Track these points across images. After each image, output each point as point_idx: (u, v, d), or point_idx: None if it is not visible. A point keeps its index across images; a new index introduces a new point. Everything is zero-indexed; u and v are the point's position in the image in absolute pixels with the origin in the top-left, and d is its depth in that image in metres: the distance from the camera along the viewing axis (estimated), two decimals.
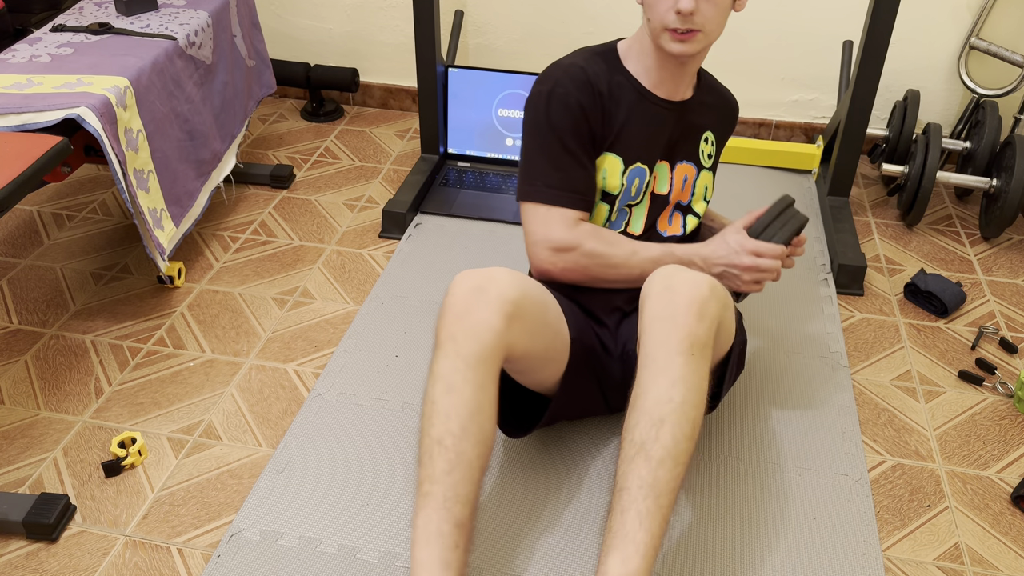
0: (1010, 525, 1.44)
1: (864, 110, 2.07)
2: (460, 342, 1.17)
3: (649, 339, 1.19)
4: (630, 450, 1.14)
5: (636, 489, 1.12)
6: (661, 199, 1.49)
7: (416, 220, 2.20)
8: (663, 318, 1.18)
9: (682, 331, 1.17)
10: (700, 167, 1.50)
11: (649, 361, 1.17)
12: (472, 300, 1.19)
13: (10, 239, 2.12)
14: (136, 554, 1.37)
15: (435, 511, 1.12)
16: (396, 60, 2.71)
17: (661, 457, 1.12)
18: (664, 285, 1.21)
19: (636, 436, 1.14)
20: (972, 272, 2.07)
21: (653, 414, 1.14)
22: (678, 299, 1.18)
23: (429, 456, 1.15)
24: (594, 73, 1.39)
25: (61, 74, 1.69)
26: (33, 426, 1.60)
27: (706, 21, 1.31)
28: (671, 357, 1.16)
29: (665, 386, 1.15)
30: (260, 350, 1.78)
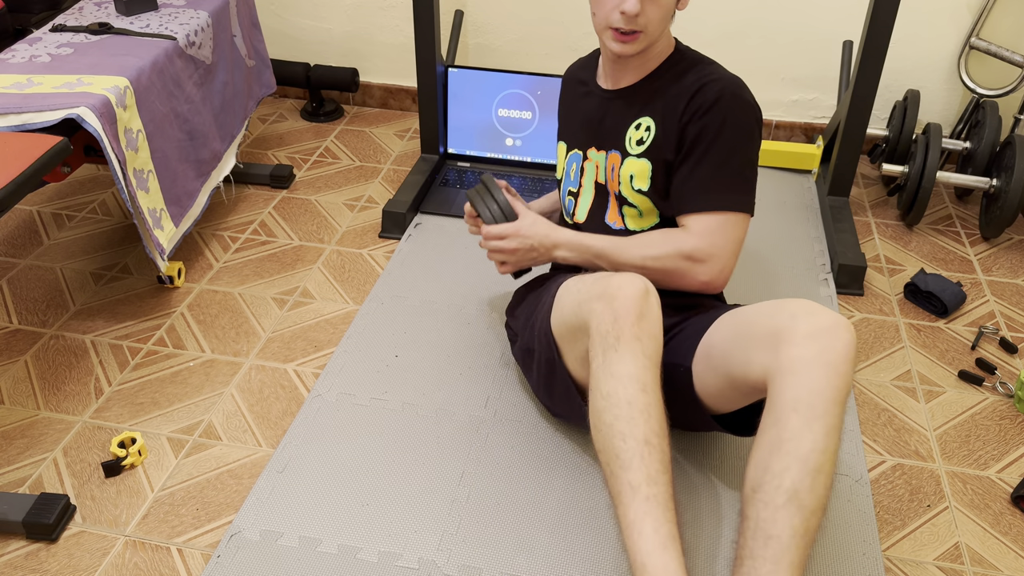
0: (1010, 525, 1.44)
1: (864, 110, 2.07)
2: (645, 342, 1.21)
3: (803, 382, 1.12)
4: (778, 497, 1.09)
5: (789, 539, 1.08)
6: (602, 188, 1.52)
7: (416, 220, 2.19)
8: (822, 364, 1.12)
9: (843, 380, 1.13)
10: (625, 154, 1.46)
11: (804, 406, 1.11)
12: (646, 303, 1.23)
13: (10, 239, 2.12)
14: (136, 554, 1.37)
15: (663, 513, 1.12)
16: (396, 60, 2.71)
17: (814, 507, 1.10)
18: (817, 326, 1.15)
19: (786, 483, 1.10)
20: (972, 272, 2.07)
21: (809, 463, 1.10)
22: (838, 345, 1.13)
23: (640, 457, 1.15)
24: (573, 72, 1.60)
25: (61, 74, 1.69)
26: (33, 426, 1.60)
27: (649, 22, 1.34)
28: (830, 406, 1.11)
29: (823, 435, 1.11)
30: (260, 350, 1.78)
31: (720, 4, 2.41)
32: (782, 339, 1.15)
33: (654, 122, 1.42)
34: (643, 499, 1.13)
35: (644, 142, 1.44)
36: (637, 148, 1.45)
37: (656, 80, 1.44)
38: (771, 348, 1.16)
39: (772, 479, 1.10)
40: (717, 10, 2.42)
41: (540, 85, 2.26)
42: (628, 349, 1.20)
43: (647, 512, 1.12)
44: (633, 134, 1.45)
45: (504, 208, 1.53)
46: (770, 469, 1.11)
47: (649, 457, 1.14)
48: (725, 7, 2.41)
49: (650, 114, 1.43)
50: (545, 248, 1.50)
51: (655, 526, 1.11)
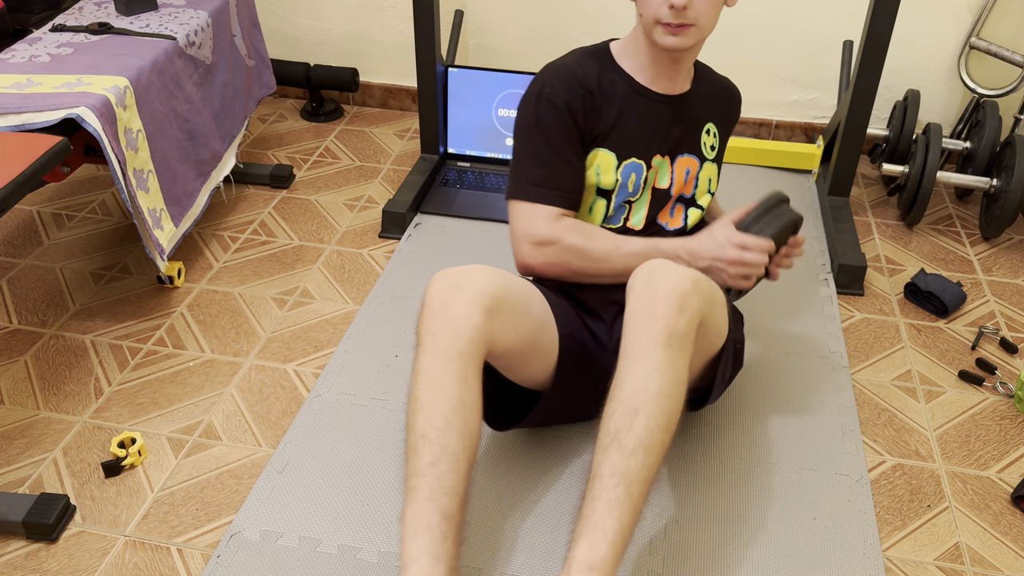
0: (1010, 525, 1.44)
1: (864, 110, 2.07)
2: (439, 337, 1.19)
3: (628, 331, 1.20)
4: (604, 439, 1.15)
5: (608, 477, 1.12)
6: (662, 193, 1.48)
7: (416, 220, 2.19)
8: (642, 311, 1.19)
9: (660, 322, 1.18)
10: (703, 159, 1.50)
11: (627, 352, 1.19)
12: (449, 296, 1.21)
13: (10, 239, 2.12)
14: (136, 554, 1.37)
15: (422, 504, 1.13)
16: (396, 60, 2.71)
17: (634, 447, 1.13)
18: (646, 279, 1.22)
19: (611, 425, 1.15)
20: (972, 272, 2.07)
21: (628, 404, 1.15)
22: (658, 292, 1.20)
23: (414, 450, 1.16)
24: (583, 73, 1.41)
25: (61, 74, 1.69)
26: (33, 426, 1.60)
27: (699, 15, 1.32)
28: (647, 348, 1.17)
29: (641, 376, 1.16)
30: (260, 350, 1.78)
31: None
32: (627, 297, 1.24)
33: (716, 127, 1.51)
34: (408, 489, 1.15)
35: (715, 147, 1.52)
36: (711, 153, 1.51)
37: (701, 84, 1.49)
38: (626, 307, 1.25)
39: (602, 424, 1.18)
40: None
41: None
42: (422, 344, 1.21)
43: (408, 501, 1.15)
44: (706, 139, 1.50)
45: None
46: (603, 415, 1.18)
47: (423, 451, 1.15)
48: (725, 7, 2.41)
49: (712, 119, 1.50)
50: None
51: (412, 515, 1.13)
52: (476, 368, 1.20)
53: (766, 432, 1.58)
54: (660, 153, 1.46)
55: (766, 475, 1.50)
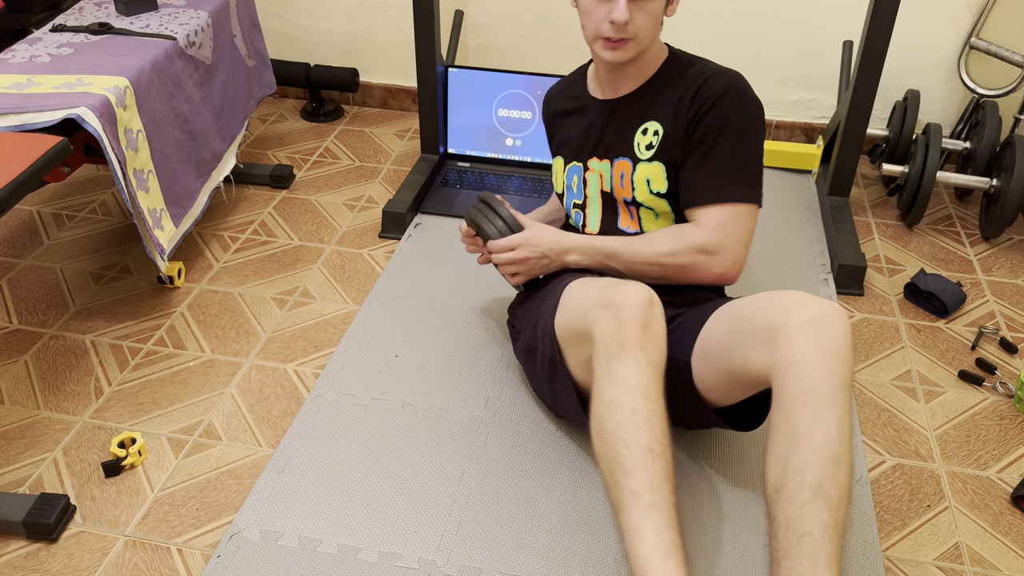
0: (1010, 525, 1.44)
1: (864, 110, 2.07)
2: (650, 351, 1.21)
3: (806, 374, 1.13)
4: (803, 493, 1.09)
5: (821, 533, 1.08)
6: (608, 197, 1.52)
7: (416, 220, 2.19)
8: (822, 352, 1.13)
9: (845, 366, 1.13)
10: (636, 160, 1.47)
11: (812, 398, 1.12)
12: (651, 312, 1.23)
13: (10, 239, 2.12)
14: (136, 554, 1.37)
15: (667, 521, 1.12)
16: (396, 60, 2.71)
17: (840, 498, 1.09)
18: (811, 316, 1.16)
19: (809, 478, 1.09)
20: (972, 272, 2.07)
21: (827, 454, 1.10)
22: (835, 333, 1.14)
23: (643, 465, 1.14)
24: (558, 91, 1.62)
25: (61, 74, 1.69)
26: (33, 426, 1.60)
27: (639, 29, 1.35)
28: (837, 393, 1.12)
29: (835, 424, 1.11)
30: (260, 350, 1.78)
31: (720, 4, 2.41)
32: (778, 333, 1.16)
33: (661, 125, 1.44)
34: (646, 506, 1.12)
35: (653, 146, 1.45)
36: (647, 152, 1.46)
37: (655, 85, 1.46)
38: (768, 343, 1.17)
39: (794, 476, 1.10)
40: (717, 10, 2.42)
41: (540, 85, 2.26)
42: (632, 357, 1.20)
43: (649, 519, 1.11)
44: (641, 139, 1.47)
45: (509, 221, 1.53)
46: (790, 466, 1.11)
47: (652, 464, 1.14)
48: (725, 7, 2.41)
49: (655, 118, 1.45)
50: (556, 254, 1.50)
51: (657, 533, 1.11)
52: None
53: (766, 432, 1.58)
54: (597, 156, 1.51)
55: None
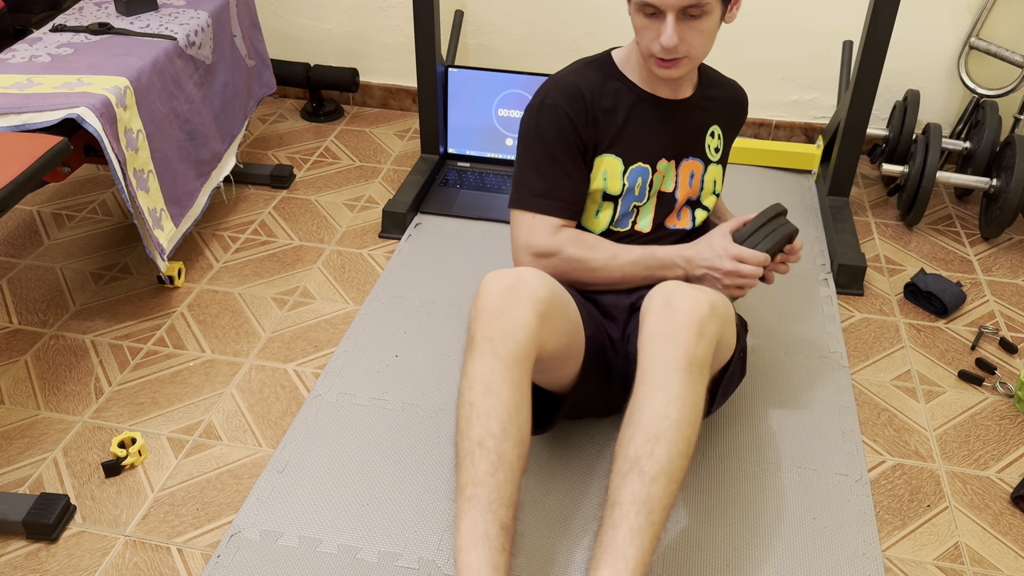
0: (1010, 525, 1.44)
1: (864, 110, 2.07)
2: (497, 342, 1.19)
3: (648, 356, 1.19)
4: (624, 465, 1.14)
5: (628, 504, 1.12)
6: (668, 197, 1.50)
7: (416, 220, 2.20)
8: (662, 335, 1.19)
9: (680, 348, 1.17)
10: (707, 162, 1.51)
11: (646, 377, 1.18)
12: (506, 300, 1.20)
13: (10, 239, 2.12)
14: (136, 554, 1.37)
15: (480, 514, 1.12)
16: (396, 60, 2.71)
17: (655, 473, 1.12)
18: (664, 302, 1.22)
19: (631, 451, 1.14)
20: (972, 272, 2.07)
21: (649, 430, 1.14)
22: (678, 317, 1.19)
23: (471, 459, 1.15)
24: (586, 84, 1.42)
25: (61, 74, 1.69)
26: (33, 426, 1.60)
27: (691, 48, 1.34)
28: (669, 374, 1.16)
29: (662, 402, 1.15)
30: (260, 350, 1.78)
31: None
32: (643, 318, 1.24)
33: (721, 129, 1.52)
34: (465, 499, 1.14)
35: (720, 149, 1.52)
36: (715, 155, 1.52)
37: (705, 88, 1.50)
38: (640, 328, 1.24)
39: (620, 449, 1.16)
40: None
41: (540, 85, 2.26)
42: (478, 349, 1.20)
43: (465, 512, 1.13)
44: (710, 142, 1.51)
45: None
46: (621, 440, 1.17)
47: (480, 459, 1.15)
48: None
49: (717, 122, 1.51)
50: None
51: (470, 525, 1.12)
52: (529, 374, 1.21)
53: (766, 432, 1.58)
54: (666, 157, 1.47)
55: (766, 475, 1.50)
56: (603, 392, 1.47)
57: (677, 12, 1.28)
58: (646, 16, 1.31)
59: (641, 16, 1.32)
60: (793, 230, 1.45)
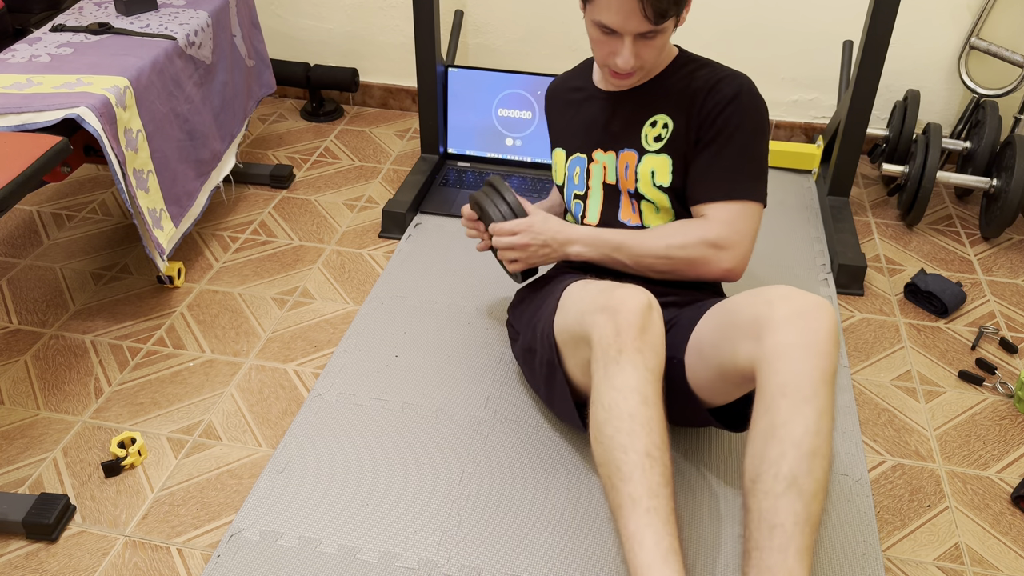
0: (1010, 525, 1.44)
1: (864, 110, 2.07)
2: (647, 356, 1.20)
3: (787, 367, 1.13)
4: (777, 485, 1.09)
5: (793, 526, 1.08)
6: (612, 189, 1.52)
7: (416, 220, 2.19)
8: (802, 346, 1.13)
9: (826, 360, 1.13)
10: (643, 151, 1.48)
11: (791, 391, 1.12)
12: (648, 316, 1.23)
13: (10, 239, 2.12)
14: (136, 554, 1.37)
15: (664, 526, 1.12)
16: (396, 60, 2.71)
17: (815, 491, 1.09)
18: (794, 310, 1.16)
19: (784, 470, 1.09)
20: (972, 272, 2.07)
21: (804, 446, 1.10)
22: (818, 326, 1.14)
23: (641, 470, 1.14)
24: (559, 84, 1.61)
25: (61, 74, 1.69)
26: (33, 426, 1.60)
27: (645, 62, 1.37)
28: (817, 387, 1.12)
29: (814, 418, 1.11)
30: (260, 350, 1.78)
31: (720, 4, 2.41)
32: (763, 327, 1.17)
33: (671, 119, 1.45)
34: (644, 511, 1.12)
35: (662, 138, 1.46)
36: (655, 144, 1.47)
37: (666, 79, 1.47)
38: (754, 337, 1.18)
39: (769, 467, 1.10)
40: (717, 10, 2.42)
41: (540, 85, 2.26)
42: (630, 362, 1.20)
43: (648, 524, 1.12)
44: (649, 131, 1.48)
45: (514, 206, 1.53)
46: (766, 458, 1.11)
47: (651, 470, 1.14)
48: (725, 7, 2.41)
49: (665, 111, 1.46)
50: (558, 243, 1.50)
51: (656, 539, 1.11)
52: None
53: None
54: (602, 148, 1.51)
55: None
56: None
57: (634, 34, 1.31)
58: (603, 33, 1.34)
59: (597, 31, 1.34)
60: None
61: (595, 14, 1.31)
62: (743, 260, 1.42)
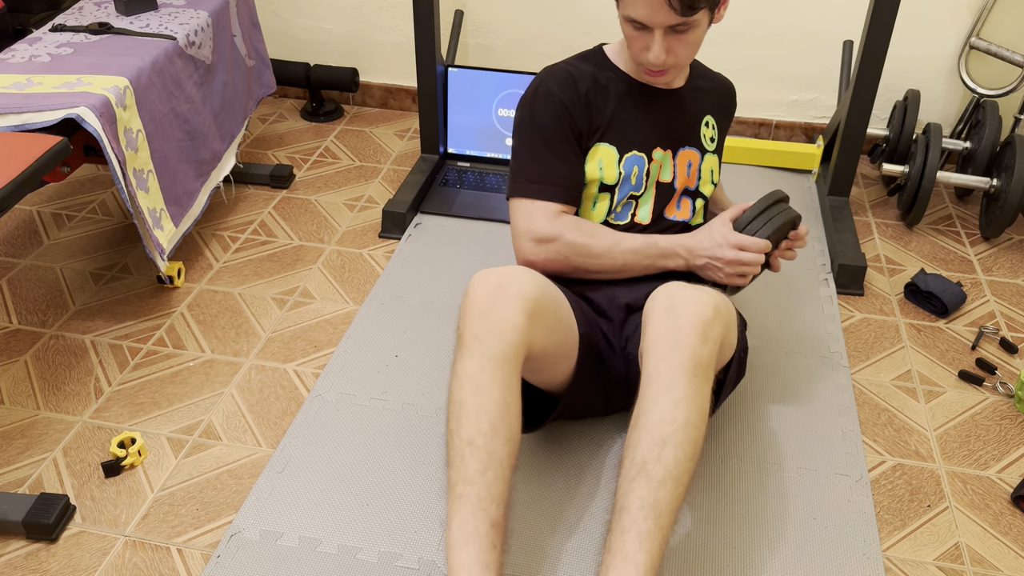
0: (1010, 525, 1.44)
1: (864, 110, 2.07)
2: (485, 341, 1.18)
3: (652, 359, 1.19)
4: (631, 470, 1.14)
5: (637, 509, 1.11)
6: (666, 187, 1.50)
7: (416, 220, 2.20)
8: (666, 338, 1.18)
9: (686, 352, 1.17)
10: (704, 151, 1.52)
11: (652, 381, 1.18)
12: (494, 298, 1.20)
13: (10, 239, 2.12)
14: (136, 554, 1.37)
15: (471, 512, 1.13)
16: (396, 60, 2.71)
17: (663, 478, 1.12)
18: (667, 305, 1.21)
19: (638, 456, 1.14)
20: (972, 272, 2.07)
21: (656, 434, 1.14)
22: (682, 320, 1.19)
23: (460, 457, 1.15)
24: (579, 72, 1.44)
25: (61, 74, 1.69)
26: (33, 426, 1.60)
27: (679, 58, 1.37)
28: (674, 378, 1.16)
29: (668, 406, 1.15)
30: (260, 350, 1.78)
31: None
32: (646, 322, 1.23)
33: (715, 119, 1.53)
34: (455, 497, 1.14)
35: (715, 139, 1.53)
36: (711, 145, 1.53)
37: (696, 79, 1.52)
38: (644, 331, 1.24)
39: (628, 453, 1.16)
40: None
41: None
42: (467, 349, 1.20)
43: (456, 510, 1.14)
44: (705, 131, 1.52)
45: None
46: (628, 443, 1.17)
47: (470, 458, 1.15)
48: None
49: (711, 112, 1.53)
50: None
51: (460, 523, 1.13)
52: (519, 372, 1.21)
53: (766, 432, 1.58)
54: (661, 147, 1.48)
55: (766, 475, 1.50)
56: (601, 392, 1.47)
57: (665, 28, 1.31)
58: (634, 28, 1.34)
59: (630, 27, 1.34)
60: (795, 215, 1.44)
61: (626, 9, 1.32)
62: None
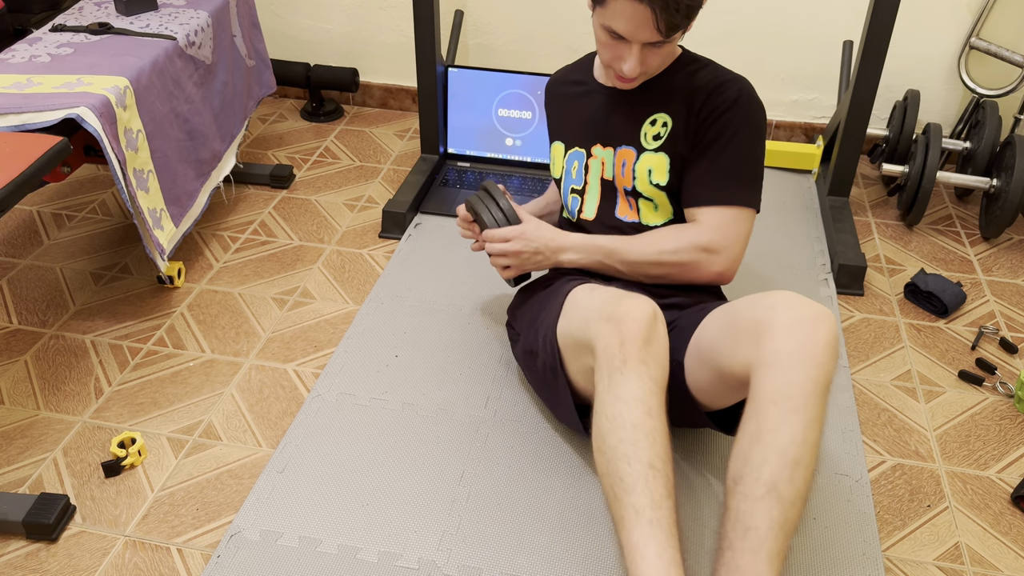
0: (1010, 525, 1.44)
1: (864, 110, 2.07)
2: (652, 367, 1.20)
3: (781, 374, 1.13)
4: (757, 489, 1.10)
5: (767, 530, 1.08)
6: (609, 185, 1.52)
7: (416, 220, 2.20)
8: (799, 354, 1.13)
9: (821, 370, 1.13)
10: (641, 149, 1.47)
11: (782, 399, 1.12)
12: (654, 328, 1.22)
13: (10, 239, 2.12)
14: (136, 554, 1.37)
15: (667, 539, 1.11)
16: (396, 60, 2.71)
17: (793, 499, 1.10)
18: (795, 317, 1.15)
19: (765, 475, 1.10)
20: (972, 272, 2.07)
21: (787, 455, 1.10)
22: (816, 336, 1.14)
23: (644, 481, 1.14)
24: (560, 77, 1.60)
25: (61, 74, 1.69)
26: (33, 426, 1.60)
27: (650, 68, 1.38)
28: (808, 398, 1.12)
29: (800, 427, 1.11)
30: (260, 350, 1.78)
31: (720, 4, 2.41)
32: (762, 332, 1.16)
33: (670, 118, 1.45)
34: (647, 523, 1.12)
35: (661, 137, 1.46)
36: (654, 143, 1.47)
37: (667, 78, 1.46)
38: (753, 342, 1.17)
39: (752, 471, 1.11)
40: (717, 10, 2.42)
41: (540, 85, 2.26)
42: (634, 372, 1.19)
43: (651, 536, 1.11)
44: (648, 129, 1.48)
45: (508, 213, 1.54)
46: (750, 461, 1.12)
47: (654, 481, 1.14)
48: (725, 7, 2.41)
49: (665, 110, 1.46)
50: (551, 251, 1.51)
51: (658, 551, 1.10)
52: None
53: None
54: (601, 143, 1.51)
55: None
56: None
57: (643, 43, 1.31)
58: (611, 37, 1.33)
59: (606, 35, 1.34)
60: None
61: (605, 19, 1.31)
62: (734, 264, 1.43)
